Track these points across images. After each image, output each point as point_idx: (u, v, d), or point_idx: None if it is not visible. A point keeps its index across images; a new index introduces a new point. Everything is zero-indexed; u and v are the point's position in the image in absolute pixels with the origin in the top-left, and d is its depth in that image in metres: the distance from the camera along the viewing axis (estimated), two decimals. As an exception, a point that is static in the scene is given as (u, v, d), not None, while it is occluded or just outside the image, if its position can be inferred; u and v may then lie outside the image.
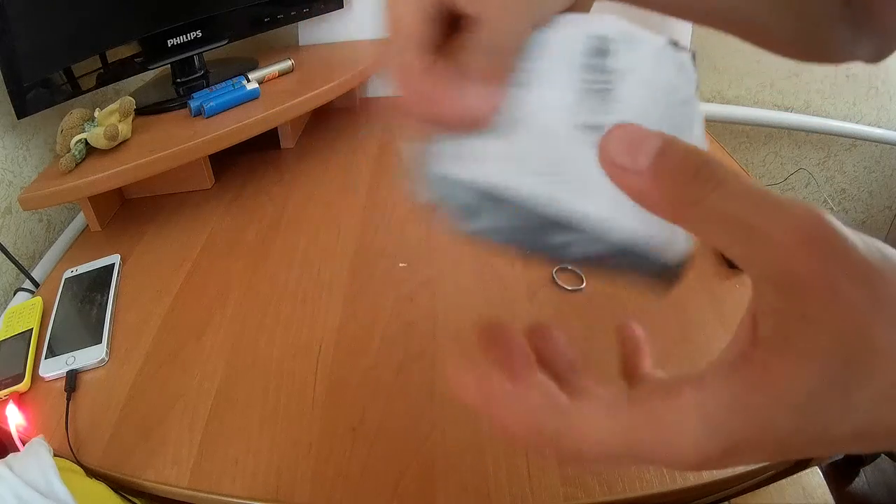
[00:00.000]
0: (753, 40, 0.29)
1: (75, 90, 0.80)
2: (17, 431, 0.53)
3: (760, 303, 0.16)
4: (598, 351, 0.57)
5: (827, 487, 0.56)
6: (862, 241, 0.15)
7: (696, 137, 0.19)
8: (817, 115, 1.28)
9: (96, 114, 0.78)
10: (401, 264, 0.70)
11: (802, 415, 0.15)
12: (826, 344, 0.15)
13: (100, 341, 0.61)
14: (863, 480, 1.02)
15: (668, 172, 0.16)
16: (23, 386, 0.57)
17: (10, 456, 0.49)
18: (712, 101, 1.28)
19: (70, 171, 0.74)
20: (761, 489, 0.52)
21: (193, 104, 0.84)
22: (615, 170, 0.17)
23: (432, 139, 0.19)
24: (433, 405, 0.53)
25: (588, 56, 0.18)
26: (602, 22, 0.19)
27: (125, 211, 0.87)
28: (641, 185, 0.17)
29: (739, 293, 0.61)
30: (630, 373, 0.24)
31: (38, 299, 0.68)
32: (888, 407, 0.15)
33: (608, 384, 0.20)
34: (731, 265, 0.64)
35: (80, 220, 0.87)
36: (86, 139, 0.76)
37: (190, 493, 0.48)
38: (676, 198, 0.16)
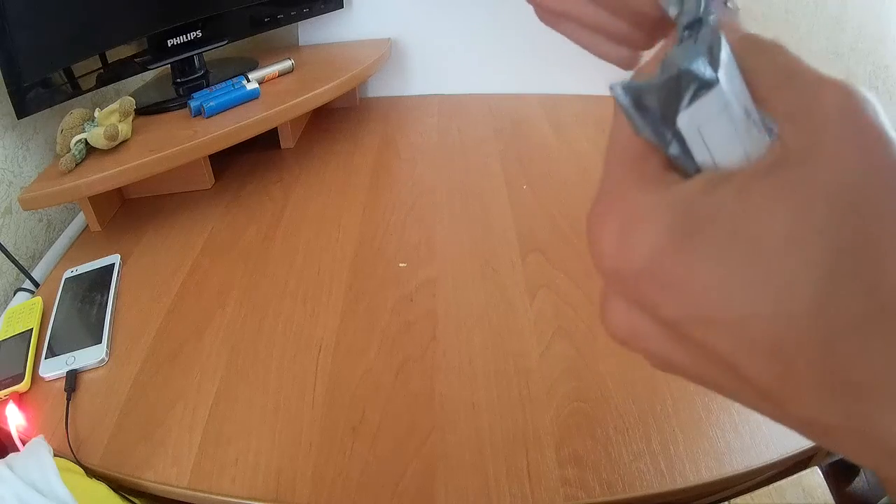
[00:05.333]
0: None
1: (75, 90, 0.80)
2: (17, 431, 0.53)
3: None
4: (599, 350, 0.57)
5: (827, 487, 0.56)
6: None
7: None
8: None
9: (96, 114, 0.78)
10: (401, 264, 0.70)
11: (821, 241, 0.14)
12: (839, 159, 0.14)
13: (100, 341, 0.61)
14: (863, 480, 1.02)
15: (757, 36, 0.18)
16: (23, 386, 0.57)
17: (11, 456, 0.49)
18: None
19: (70, 171, 0.74)
20: (761, 489, 0.52)
21: (193, 104, 0.84)
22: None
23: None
24: (433, 405, 0.53)
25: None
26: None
27: (125, 211, 0.87)
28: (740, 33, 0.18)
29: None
30: None
31: (38, 299, 0.68)
32: None
33: None
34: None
35: (80, 220, 0.87)
36: (86, 139, 0.76)
37: (190, 493, 0.48)
38: (755, 45, 0.17)
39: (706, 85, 0.16)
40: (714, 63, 0.16)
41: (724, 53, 0.16)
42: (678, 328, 0.16)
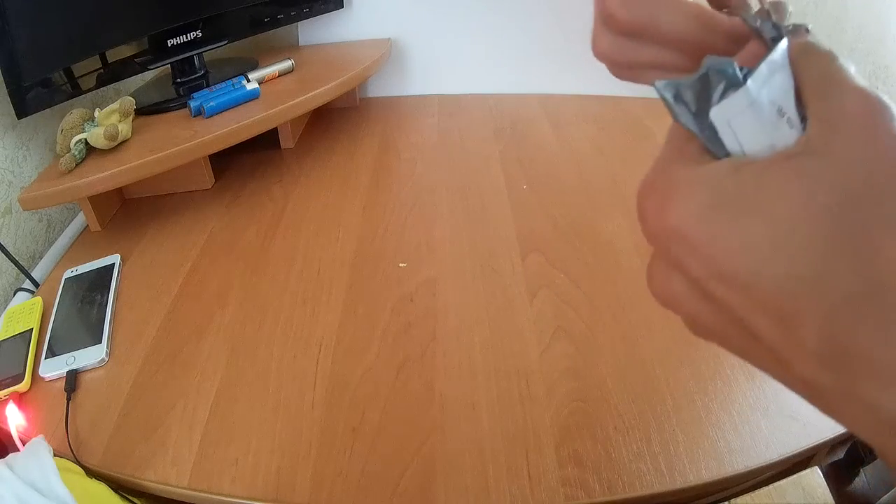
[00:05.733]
0: None
1: (75, 90, 0.80)
2: (17, 431, 0.53)
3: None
4: (599, 350, 0.57)
5: (827, 487, 0.56)
6: None
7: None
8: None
9: (96, 114, 0.78)
10: (401, 264, 0.70)
11: (826, 221, 0.16)
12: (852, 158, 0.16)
13: (100, 341, 0.61)
14: (863, 480, 1.02)
15: (816, 46, 0.20)
16: (23, 386, 0.57)
17: (10, 456, 0.49)
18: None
19: (70, 171, 0.74)
20: (761, 489, 0.52)
21: (193, 104, 0.84)
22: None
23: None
24: (433, 405, 0.53)
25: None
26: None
27: (125, 211, 0.87)
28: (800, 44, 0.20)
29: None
30: None
31: (38, 299, 0.68)
32: None
33: None
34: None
35: (80, 220, 0.87)
36: (86, 139, 0.76)
37: (190, 493, 0.48)
38: (805, 50, 0.20)
39: (734, 84, 0.19)
40: (749, 68, 0.19)
41: (772, 61, 0.19)
42: (702, 285, 0.18)
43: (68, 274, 0.72)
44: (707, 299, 0.19)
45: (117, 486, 0.50)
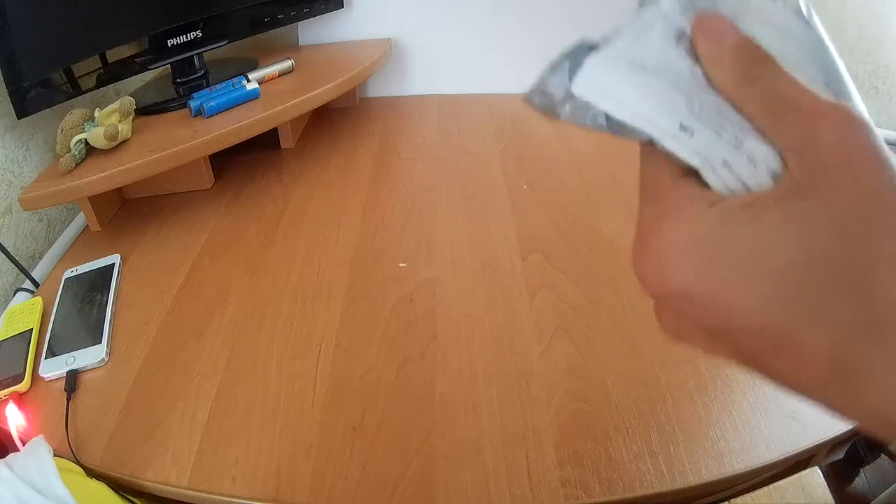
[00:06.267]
0: None
1: (75, 90, 0.80)
2: (17, 431, 0.53)
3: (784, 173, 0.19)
4: (599, 350, 0.57)
5: (827, 487, 0.56)
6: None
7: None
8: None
9: (96, 114, 0.78)
10: (401, 264, 0.70)
11: (823, 262, 0.17)
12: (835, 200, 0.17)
13: (100, 341, 0.61)
14: (863, 480, 1.02)
15: (743, 53, 0.20)
16: (23, 386, 0.57)
17: (10, 456, 0.49)
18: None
19: (70, 171, 0.74)
20: (761, 489, 0.52)
21: (193, 104, 0.84)
22: (704, 40, 0.21)
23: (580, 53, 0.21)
24: (433, 405, 0.53)
25: None
26: None
27: (125, 211, 0.87)
28: (721, 56, 0.20)
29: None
30: None
31: (38, 299, 0.68)
32: None
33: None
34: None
35: (80, 220, 0.87)
36: (86, 139, 0.76)
37: (190, 493, 0.48)
38: (742, 73, 0.20)
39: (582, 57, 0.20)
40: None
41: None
42: (712, 332, 0.20)
43: (68, 274, 0.72)
44: (717, 337, 0.20)
45: (117, 486, 0.50)
